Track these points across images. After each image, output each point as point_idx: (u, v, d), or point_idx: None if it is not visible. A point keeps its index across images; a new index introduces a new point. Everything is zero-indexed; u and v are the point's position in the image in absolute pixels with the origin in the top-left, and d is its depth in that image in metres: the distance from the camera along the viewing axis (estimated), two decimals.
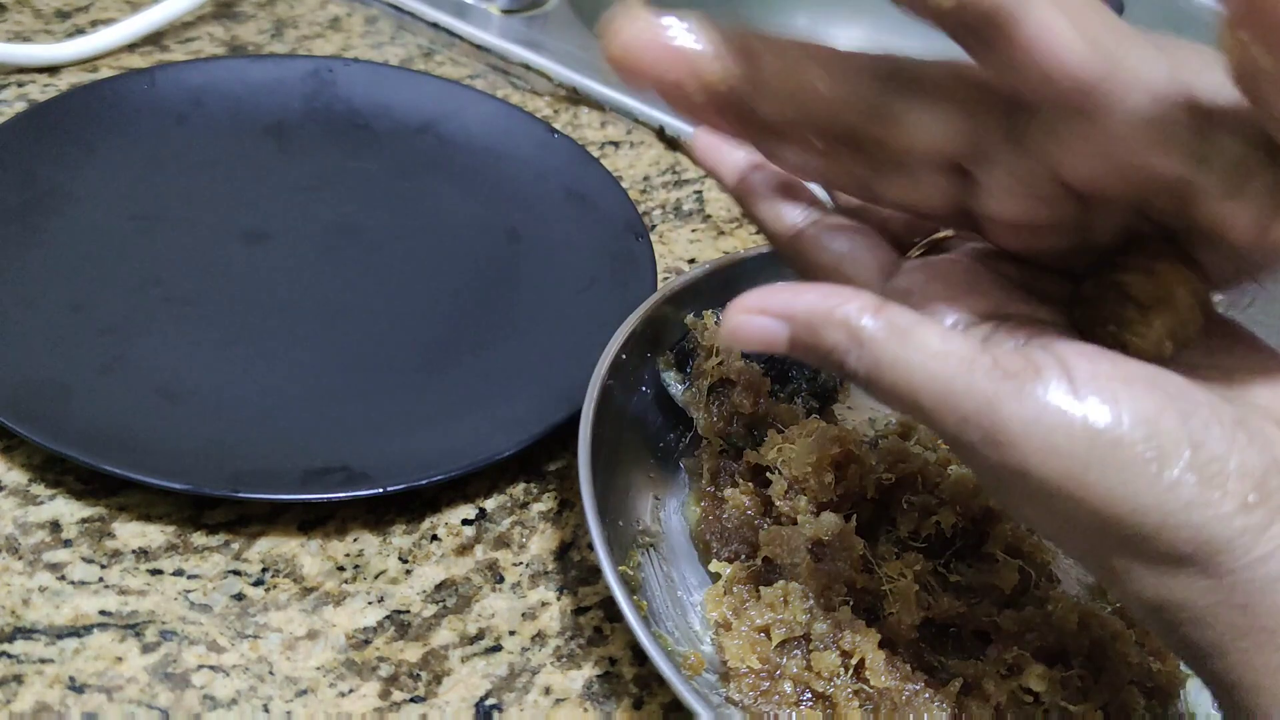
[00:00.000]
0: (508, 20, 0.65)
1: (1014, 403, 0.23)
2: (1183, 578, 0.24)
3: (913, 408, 0.24)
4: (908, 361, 0.24)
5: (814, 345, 0.25)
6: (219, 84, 0.53)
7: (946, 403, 0.24)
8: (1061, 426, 0.23)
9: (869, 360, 0.24)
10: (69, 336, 0.41)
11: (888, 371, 0.24)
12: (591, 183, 0.52)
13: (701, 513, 0.39)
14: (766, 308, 0.25)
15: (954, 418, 0.24)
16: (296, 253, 0.47)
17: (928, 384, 0.24)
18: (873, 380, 0.25)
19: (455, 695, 0.34)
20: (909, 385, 0.24)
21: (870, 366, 0.24)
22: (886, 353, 0.24)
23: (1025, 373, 0.24)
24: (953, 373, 0.24)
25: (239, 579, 0.36)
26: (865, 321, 0.24)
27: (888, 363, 0.24)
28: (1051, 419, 0.23)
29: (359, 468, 0.38)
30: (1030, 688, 0.34)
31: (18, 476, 0.37)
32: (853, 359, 0.25)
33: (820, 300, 0.25)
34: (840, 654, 0.33)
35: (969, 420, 0.24)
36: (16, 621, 0.33)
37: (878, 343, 0.24)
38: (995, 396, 0.23)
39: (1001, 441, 0.23)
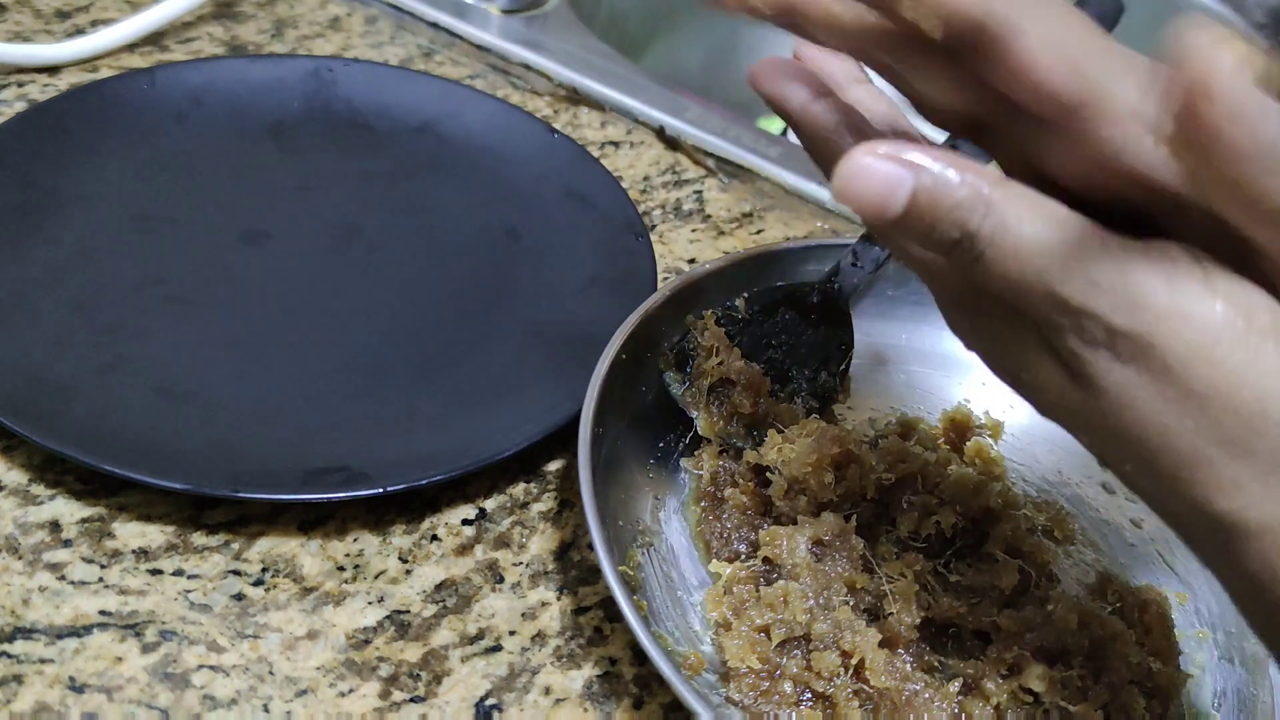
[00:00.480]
0: (508, 20, 0.65)
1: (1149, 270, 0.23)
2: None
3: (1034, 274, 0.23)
4: (1039, 221, 0.23)
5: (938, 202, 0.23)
6: (219, 84, 0.53)
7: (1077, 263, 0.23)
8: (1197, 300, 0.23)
9: (995, 221, 0.23)
10: (69, 336, 0.41)
11: (1013, 232, 0.23)
12: (591, 183, 0.52)
13: (701, 513, 0.39)
14: (894, 154, 0.23)
15: (1084, 280, 0.23)
16: (297, 252, 0.47)
17: (1060, 244, 0.23)
18: (998, 240, 0.23)
19: (455, 695, 0.34)
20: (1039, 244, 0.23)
21: (997, 225, 0.23)
22: (1016, 211, 0.23)
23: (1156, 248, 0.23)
24: (1087, 236, 0.23)
25: (239, 579, 0.36)
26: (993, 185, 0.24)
27: (1014, 223, 0.23)
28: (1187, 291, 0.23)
29: (359, 468, 0.38)
30: (1030, 688, 0.34)
31: (18, 476, 0.37)
32: (977, 219, 0.23)
33: (946, 154, 0.24)
34: (840, 654, 0.33)
35: (1100, 282, 0.23)
36: (16, 621, 0.33)
37: (1009, 202, 0.23)
38: (1130, 260, 0.23)
39: (1135, 304, 0.23)
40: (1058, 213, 0.24)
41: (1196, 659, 0.38)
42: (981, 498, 0.38)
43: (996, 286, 0.24)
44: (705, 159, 0.58)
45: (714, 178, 0.57)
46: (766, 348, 0.42)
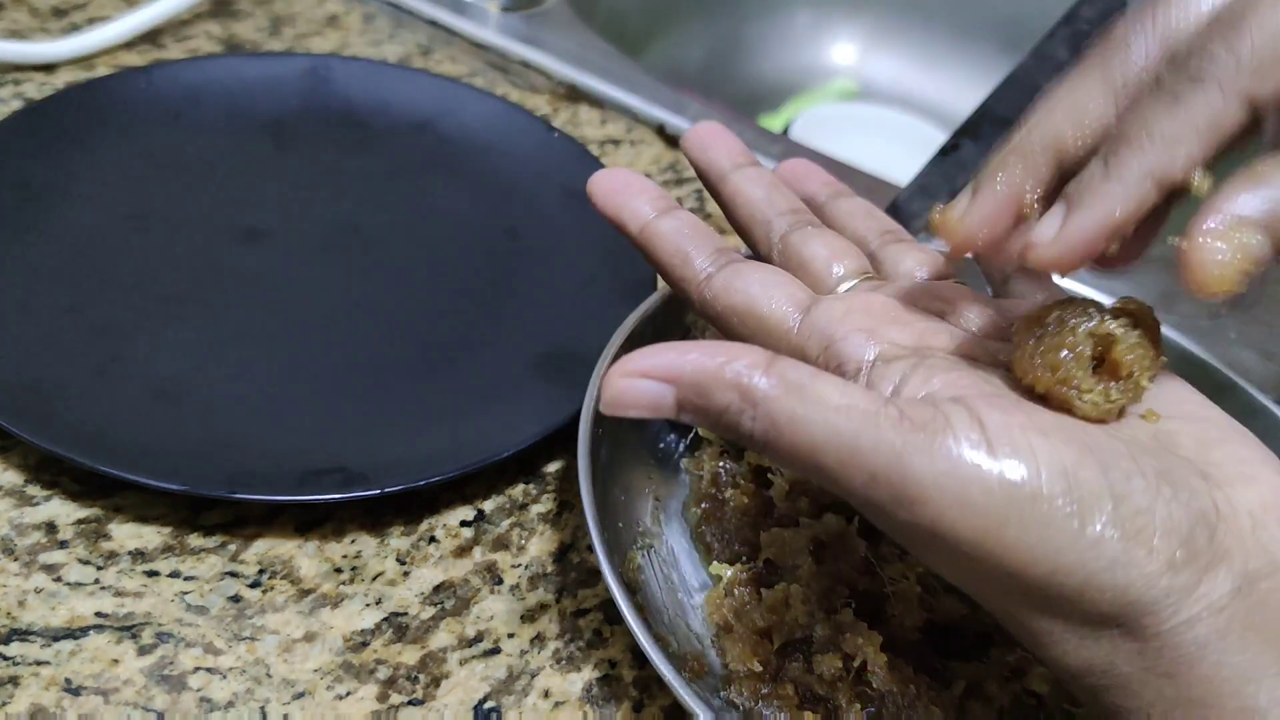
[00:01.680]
0: (506, 17, 0.65)
1: (924, 457, 0.22)
2: (1106, 641, 0.23)
3: (816, 468, 0.23)
4: (806, 418, 0.22)
5: (704, 407, 0.23)
6: (216, 82, 0.53)
7: (852, 460, 0.22)
8: (976, 481, 0.22)
9: (764, 420, 0.23)
10: (65, 336, 0.41)
11: (786, 431, 0.22)
12: None
13: (702, 514, 0.39)
14: (649, 370, 0.23)
15: (861, 476, 0.22)
16: (294, 252, 0.47)
17: (831, 440, 0.22)
18: (770, 442, 0.23)
19: (454, 698, 0.34)
20: (810, 444, 0.22)
21: (767, 427, 0.23)
22: (784, 410, 0.22)
23: (934, 424, 0.22)
24: (857, 427, 0.22)
25: (236, 581, 0.36)
26: (758, 379, 0.23)
27: (785, 421, 0.22)
28: (965, 473, 0.22)
29: (357, 469, 0.37)
30: (1033, 690, 0.33)
31: (13, 477, 0.37)
32: (747, 420, 0.23)
33: (708, 359, 0.23)
34: (842, 656, 0.33)
35: (877, 477, 0.22)
36: (12, 623, 0.33)
37: (773, 400, 0.22)
38: (904, 450, 0.22)
39: (913, 498, 0.22)
40: (829, 401, 0.22)
41: None
42: None
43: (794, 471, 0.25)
44: None
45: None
46: None
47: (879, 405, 0.23)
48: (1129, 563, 0.22)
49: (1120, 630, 0.22)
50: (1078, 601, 0.22)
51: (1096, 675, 0.23)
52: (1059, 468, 0.22)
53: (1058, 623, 0.23)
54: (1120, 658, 0.23)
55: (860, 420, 0.22)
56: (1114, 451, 0.23)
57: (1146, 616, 0.22)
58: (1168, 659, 0.22)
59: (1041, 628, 0.23)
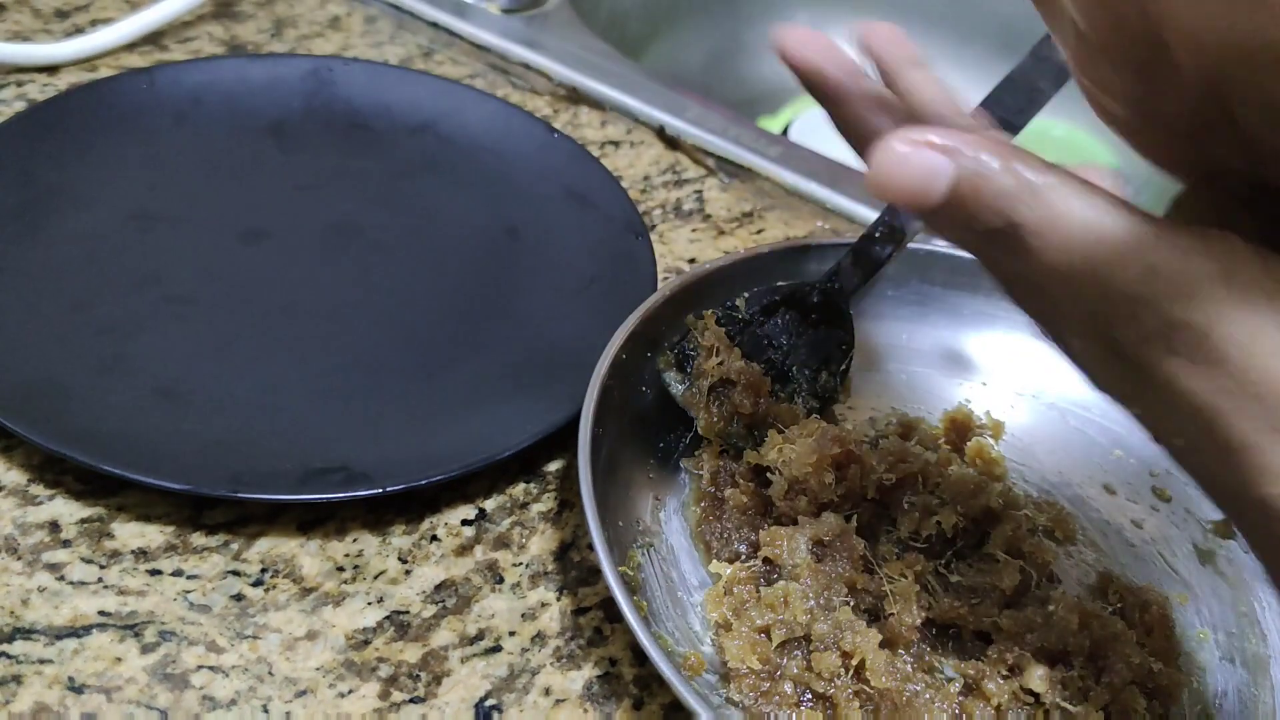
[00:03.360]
0: (507, 19, 0.65)
1: (1208, 257, 0.22)
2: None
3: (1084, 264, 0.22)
4: (1088, 212, 0.22)
5: (981, 190, 0.22)
6: (218, 83, 0.53)
7: (1134, 252, 0.22)
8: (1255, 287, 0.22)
9: (1043, 209, 0.22)
10: (68, 336, 0.41)
11: (1064, 221, 0.22)
12: (591, 182, 0.52)
13: (701, 513, 0.39)
14: (932, 140, 0.22)
15: (1138, 268, 0.22)
16: (296, 252, 0.47)
17: (1113, 232, 0.22)
18: (1043, 233, 0.22)
19: (455, 696, 0.34)
20: (1089, 233, 0.22)
21: (1045, 214, 0.22)
22: (1064, 199, 0.22)
23: (1214, 234, 0.22)
24: (1140, 223, 0.22)
25: (238, 579, 0.36)
26: (1038, 170, 0.22)
27: (1064, 210, 0.22)
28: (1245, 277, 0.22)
29: (358, 468, 0.38)
30: (1031, 688, 0.33)
31: (17, 477, 0.37)
32: (1024, 208, 0.22)
33: (990, 141, 0.22)
34: (841, 654, 0.33)
35: (1156, 271, 0.22)
36: (16, 622, 0.33)
37: (1057, 189, 0.22)
38: (1188, 248, 0.22)
39: (1194, 292, 0.22)
40: (1111, 201, 0.23)
41: (1198, 660, 0.38)
42: (982, 498, 0.38)
43: (1042, 278, 0.23)
44: (705, 158, 0.58)
45: (714, 177, 0.57)
46: (767, 348, 0.42)
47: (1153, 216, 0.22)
48: None
49: None
50: None
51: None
52: None
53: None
54: None
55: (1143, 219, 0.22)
56: None
57: None
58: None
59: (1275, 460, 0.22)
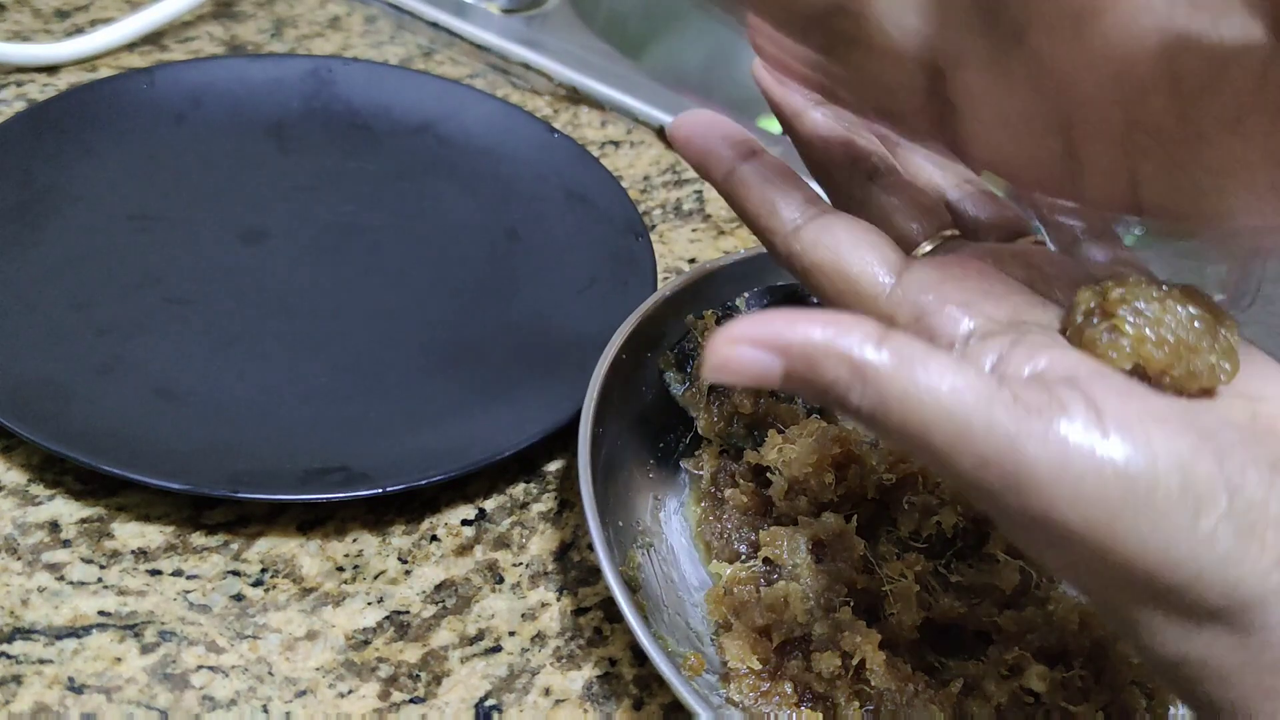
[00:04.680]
0: (507, 19, 0.65)
1: (1038, 443, 0.21)
2: (1208, 634, 0.22)
3: (923, 448, 0.22)
4: (918, 397, 0.22)
5: (812, 380, 0.22)
6: (218, 83, 0.53)
7: (962, 443, 0.21)
8: (1091, 470, 0.21)
9: (874, 396, 0.22)
10: (68, 336, 0.41)
11: (895, 408, 0.22)
12: (591, 182, 0.52)
13: (702, 513, 0.39)
14: (758, 339, 0.22)
15: (971, 460, 0.21)
16: (296, 253, 0.47)
17: (941, 422, 0.22)
18: (878, 419, 0.22)
19: (455, 696, 0.34)
20: (920, 423, 0.22)
21: (875, 403, 0.22)
22: (894, 387, 0.22)
23: (1050, 409, 0.21)
24: (970, 409, 0.21)
25: (238, 579, 0.36)
26: (869, 353, 0.22)
27: (895, 398, 0.22)
28: (1080, 462, 0.21)
29: (358, 468, 0.38)
30: (1031, 688, 0.33)
31: (16, 477, 0.37)
32: (856, 395, 0.22)
33: (818, 329, 0.22)
34: (841, 655, 0.33)
35: (989, 463, 0.21)
36: (15, 622, 0.33)
37: (884, 377, 0.22)
38: (1018, 436, 0.21)
39: (1025, 486, 0.21)
40: (943, 382, 0.22)
41: None
42: None
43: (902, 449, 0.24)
44: None
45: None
46: None
47: (993, 388, 0.22)
48: (1241, 558, 0.21)
49: (1223, 624, 0.22)
50: (1185, 594, 0.22)
51: (1194, 667, 0.23)
52: (1176, 459, 0.21)
53: (1160, 614, 0.22)
54: (1221, 650, 0.22)
55: (973, 402, 0.22)
56: (1228, 440, 0.22)
57: (1253, 611, 0.22)
58: (1271, 653, 0.22)
59: (1142, 618, 0.23)
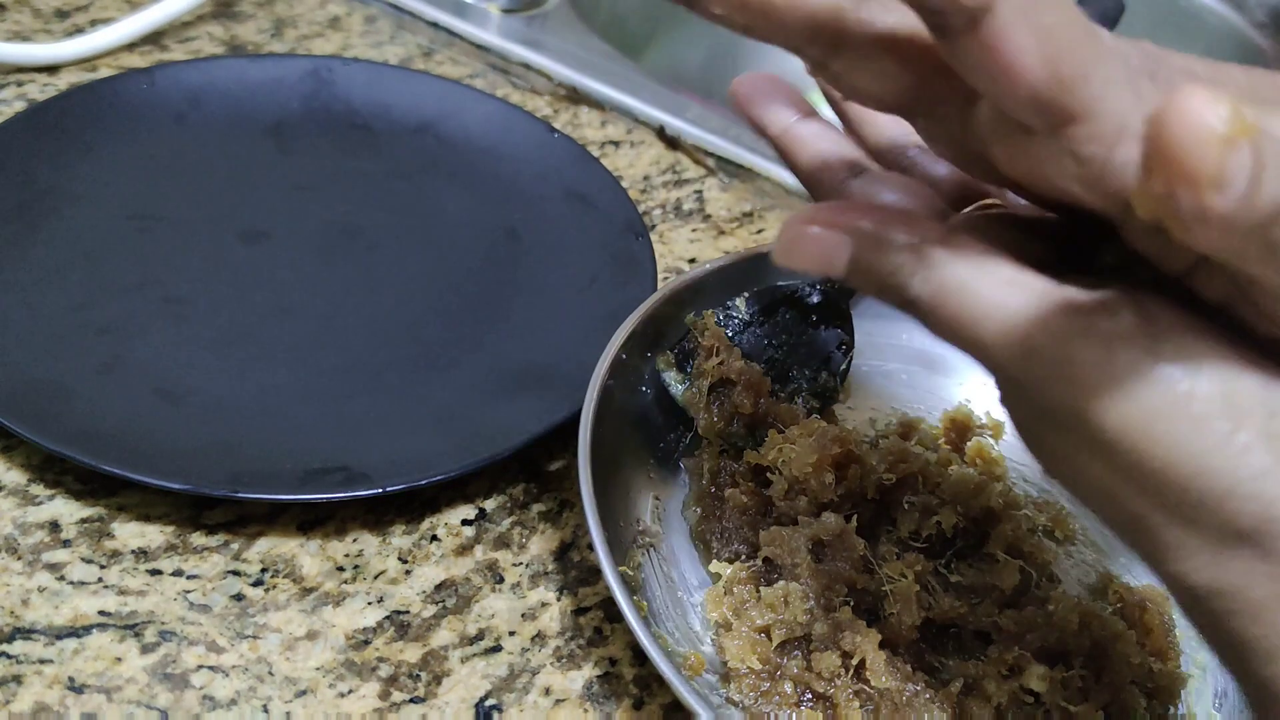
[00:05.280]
0: (507, 19, 0.65)
1: (1088, 341, 0.22)
2: (1241, 559, 0.22)
3: (974, 339, 0.23)
4: (977, 287, 0.22)
5: (876, 266, 0.23)
6: (218, 83, 0.53)
7: (1015, 333, 0.22)
8: (1134, 372, 0.21)
9: (935, 283, 0.23)
10: (68, 336, 0.41)
11: (953, 296, 0.23)
12: (591, 182, 0.52)
13: (702, 513, 0.39)
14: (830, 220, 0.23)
15: (1021, 350, 0.22)
16: (296, 252, 0.47)
17: (996, 311, 0.22)
18: (935, 306, 0.23)
19: (455, 696, 0.34)
20: (976, 311, 0.22)
21: (935, 290, 0.23)
22: (955, 276, 0.23)
23: (1101, 310, 0.22)
24: (1024, 302, 0.22)
25: (238, 579, 0.36)
26: (934, 241, 0.23)
27: (954, 286, 0.23)
28: (1125, 363, 0.21)
29: (359, 468, 0.38)
30: (1031, 688, 0.34)
31: (17, 476, 0.37)
32: (918, 281, 0.23)
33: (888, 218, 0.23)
34: (841, 654, 0.33)
35: (1037, 353, 0.22)
36: (16, 622, 0.33)
37: (947, 264, 0.23)
38: (1069, 331, 0.22)
39: (1072, 378, 0.22)
40: (1000, 275, 0.23)
41: (1197, 659, 0.38)
42: (982, 498, 0.38)
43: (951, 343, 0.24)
44: (705, 158, 0.58)
45: (714, 177, 0.57)
46: (766, 348, 0.42)
47: (1048, 286, 0.22)
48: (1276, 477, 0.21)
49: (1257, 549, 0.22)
50: (1218, 511, 0.22)
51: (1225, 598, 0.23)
52: (1220, 373, 0.22)
53: (1192, 534, 0.22)
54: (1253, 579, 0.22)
55: (1029, 296, 0.22)
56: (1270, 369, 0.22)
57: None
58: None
59: (1173, 539, 0.23)
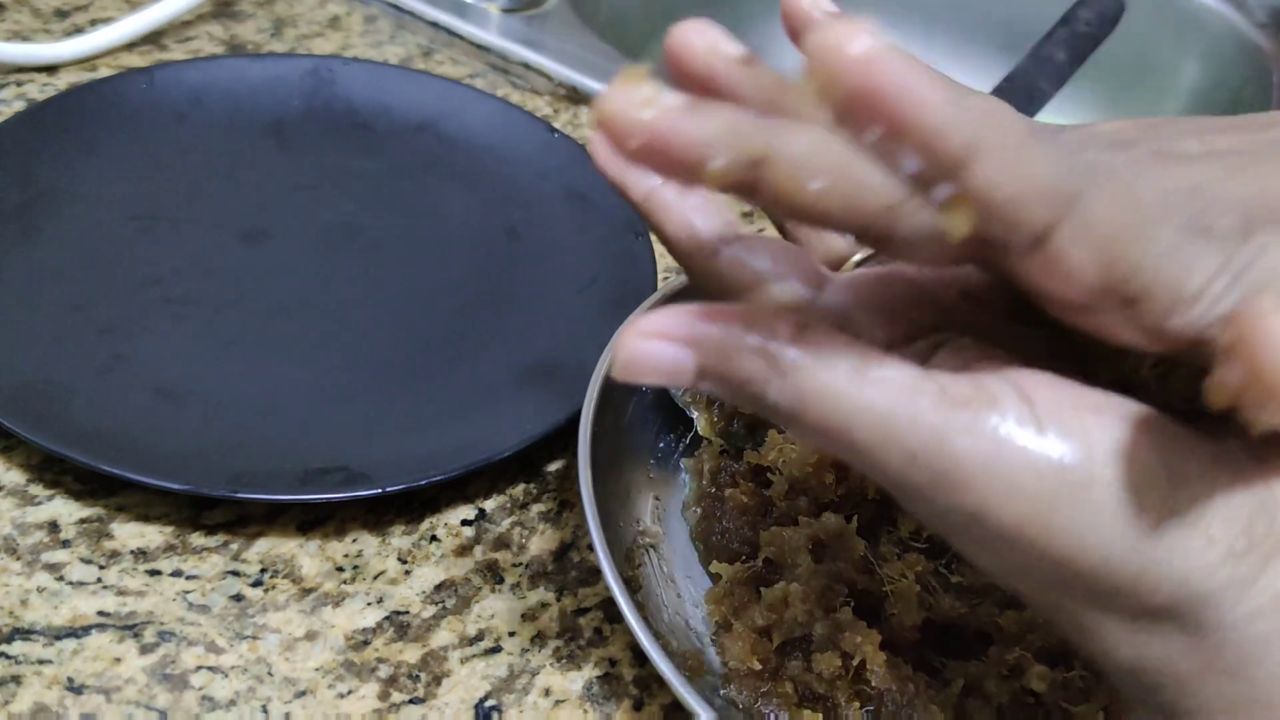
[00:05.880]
0: (507, 19, 0.65)
1: (968, 436, 0.20)
2: (1161, 636, 0.21)
3: (846, 446, 0.20)
4: (838, 391, 0.20)
5: (727, 376, 0.21)
6: (218, 83, 0.53)
7: (887, 438, 0.20)
8: (1024, 464, 0.20)
9: (791, 392, 0.20)
10: (68, 336, 0.41)
11: (814, 404, 0.20)
12: (591, 182, 0.52)
13: (702, 513, 0.39)
14: (668, 332, 0.20)
15: (897, 456, 0.20)
16: (296, 252, 0.47)
17: (864, 416, 0.20)
18: (797, 415, 0.20)
19: (455, 696, 0.34)
20: (841, 419, 0.20)
21: (793, 399, 0.20)
22: (813, 381, 0.20)
23: (978, 400, 0.20)
24: (894, 402, 0.20)
25: (238, 580, 0.36)
26: (787, 345, 0.20)
27: (814, 393, 0.20)
28: (1012, 455, 0.20)
29: (358, 468, 0.38)
30: (1032, 689, 0.33)
31: (16, 477, 0.37)
32: (774, 390, 0.20)
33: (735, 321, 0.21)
34: (841, 655, 0.33)
35: (916, 458, 0.20)
36: (15, 622, 0.33)
37: (801, 370, 0.20)
38: (945, 429, 0.20)
39: (955, 482, 0.20)
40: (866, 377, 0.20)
41: None
42: None
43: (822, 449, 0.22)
44: None
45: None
46: None
47: (918, 379, 0.20)
48: (1187, 552, 0.20)
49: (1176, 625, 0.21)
50: (1131, 593, 0.21)
51: (1151, 673, 0.22)
52: (1113, 450, 0.20)
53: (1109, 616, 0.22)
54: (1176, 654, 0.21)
55: (897, 394, 0.20)
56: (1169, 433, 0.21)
57: (1205, 610, 0.21)
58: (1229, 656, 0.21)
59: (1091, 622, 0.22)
